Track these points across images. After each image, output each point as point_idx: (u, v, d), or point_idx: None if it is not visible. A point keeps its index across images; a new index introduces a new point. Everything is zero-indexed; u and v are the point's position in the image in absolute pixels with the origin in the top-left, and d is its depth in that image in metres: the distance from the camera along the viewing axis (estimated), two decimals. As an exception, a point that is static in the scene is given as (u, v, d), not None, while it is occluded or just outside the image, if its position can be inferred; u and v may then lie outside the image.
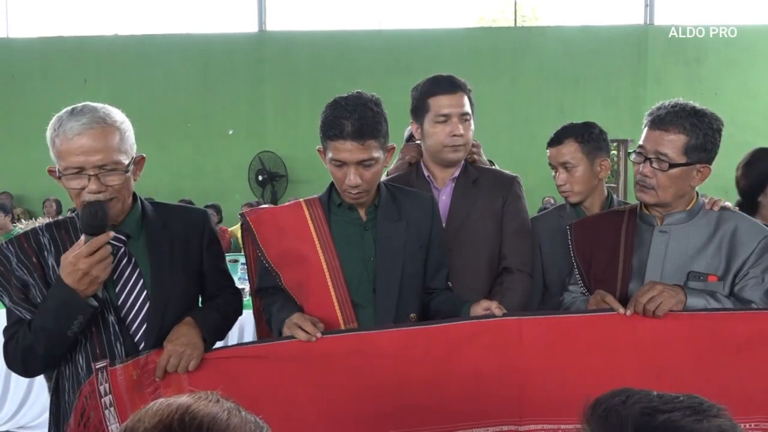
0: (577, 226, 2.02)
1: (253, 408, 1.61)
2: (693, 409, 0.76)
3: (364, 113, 1.70)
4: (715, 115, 1.81)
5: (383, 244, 1.82)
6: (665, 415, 0.76)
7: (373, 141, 1.72)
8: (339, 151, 1.72)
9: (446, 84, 2.12)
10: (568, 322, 1.71)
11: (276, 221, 1.86)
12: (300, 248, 1.81)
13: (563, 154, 2.23)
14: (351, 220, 1.86)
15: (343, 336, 1.70)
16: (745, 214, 1.92)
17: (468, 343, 1.67)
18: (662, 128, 1.77)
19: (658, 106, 1.83)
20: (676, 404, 0.77)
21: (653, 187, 1.79)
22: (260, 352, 1.68)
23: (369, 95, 1.78)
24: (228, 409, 0.81)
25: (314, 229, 1.81)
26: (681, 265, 1.80)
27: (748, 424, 1.61)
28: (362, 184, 1.75)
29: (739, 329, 1.62)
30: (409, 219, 1.87)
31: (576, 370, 1.67)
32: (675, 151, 1.75)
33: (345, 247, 1.82)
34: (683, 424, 0.74)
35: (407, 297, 1.83)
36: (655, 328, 1.65)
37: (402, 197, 1.91)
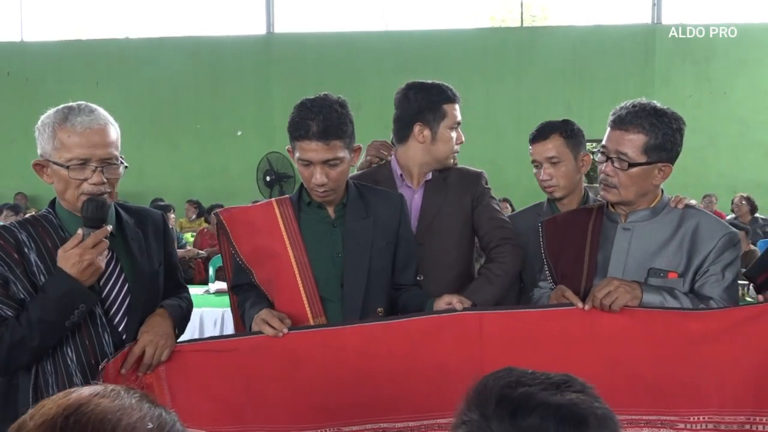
0: (548, 224, 2.07)
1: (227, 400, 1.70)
2: (554, 384, 0.82)
3: (329, 114, 1.77)
4: (675, 114, 1.84)
5: (351, 241, 1.90)
6: (524, 388, 0.81)
7: (338, 141, 1.79)
8: (305, 150, 1.79)
9: (454, 93, 2.22)
10: (528, 317, 1.76)
11: (248, 219, 1.94)
12: (271, 245, 1.88)
13: (549, 149, 2.28)
14: (320, 218, 1.93)
15: (312, 331, 1.77)
16: (707, 212, 1.95)
17: (431, 337, 1.73)
18: (622, 128, 1.81)
19: (621, 106, 1.86)
20: (541, 380, 0.83)
21: (615, 186, 1.83)
22: (231, 346, 1.74)
23: (335, 97, 1.85)
24: (123, 408, 0.75)
25: (284, 226, 1.89)
26: (643, 261, 1.84)
27: (702, 417, 1.65)
28: (328, 182, 1.82)
29: (693, 325, 1.66)
30: (377, 216, 1.94)
31: (536, 364, 1.66)
32: (635, 151, 1.79)
33: (314, 244, 1.89)
34: (538, 396, 0.79)
35: (374, 292, 1.90)
36: (612, 322, 1.69)
37: (370, 195, 1.98)
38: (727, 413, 1.64)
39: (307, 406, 1.71)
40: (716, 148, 9.82)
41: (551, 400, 0.79)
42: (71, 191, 1.59)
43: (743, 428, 1.63)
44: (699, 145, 10.03)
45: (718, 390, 1.65)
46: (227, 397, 1.71)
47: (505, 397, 0.80)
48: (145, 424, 0.75)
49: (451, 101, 2.19)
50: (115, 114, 6.13)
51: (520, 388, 0.81)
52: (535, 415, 0.78)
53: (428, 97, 2.19)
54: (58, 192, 1.63)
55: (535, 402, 0.79)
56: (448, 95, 2.20)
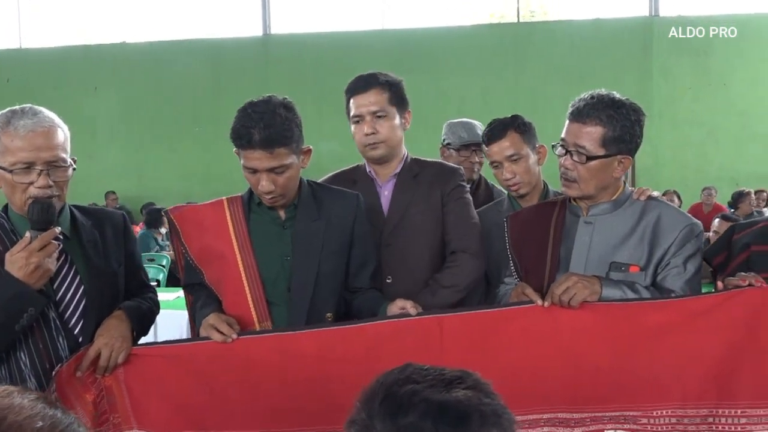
0: (512, 219, 2.04)
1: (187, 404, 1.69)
2: (444, 381, 0.81)
3: (271, 121, 1.70)
4: (634, 105, 1.81)
5: (300, 244, 1.85)
6: (411, 385, 0.80)
7: (282, 149, 1.73)
8: (249, 159, 1.75)
9: (361, 83, 2.14)
10: (488, 317, 1.74)
11: (198, 219, 1.91)
12: (218, 246, 1.85)
13: (507, 147, 2.25)
14: (270, 219, 1.89)
15: (262, 337, 1.74)
16: (669, 203, 1.93)
17: (388, 342, 1.69)
18: (580, 120, 1.77)
19: (580, 98, 1.83)
20: (432, 377, 0.82)
21: (575, 180, 1.80)
22: (188, 350, 1.73)
23: (279, 99, 1.78)
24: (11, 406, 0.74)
25: (233, 227, 1.85)
26: (604, 255, 1.81)
27: (664, 411, 1.63)
28: (276, 189, 1.77)
29: (653, 318, 1.64)
30: (330, 218, 1.89)
31: (498, 364, 1.68)
32: (593, 144, 1.76)
33: (262, 246, 1.85)
34: (422, 394, 0.78)
35: (323, 296, 1.85)
36: (572, 318, 1.66)
37: (324, 195, 1.93)
38: (690, 407, 1.62)
39: (266, 411, 1.69)
40: (716, 140, 9.75)
41: (434, 398, 0.78)
42: (18, 195, 1.59)
43: (706, 421, 1.61)
44: (699, 138, 9.98)
45: (680, 383, 1.63)
46: (187, 401, 1.69)
47: (390, 395, 0.79)
48: (34, 422, 0.74)
49: (352, 94, 2.14)
50: (114, 118, 6.31)
51: (407, 385, 0.80)
52: (414, 413, 0.77)
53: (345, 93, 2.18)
54: (7, 196, 1.63)
55: (417, 399, 0.78)
56: (350, 88, 2.15)
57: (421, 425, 0.76)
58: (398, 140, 2.18)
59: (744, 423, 1.58)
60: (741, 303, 1.58)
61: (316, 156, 1.91)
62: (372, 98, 2.11)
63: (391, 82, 2.16)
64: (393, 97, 2.14)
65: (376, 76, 2.16)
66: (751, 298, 1.58)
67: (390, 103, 2.13)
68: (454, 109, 10.40)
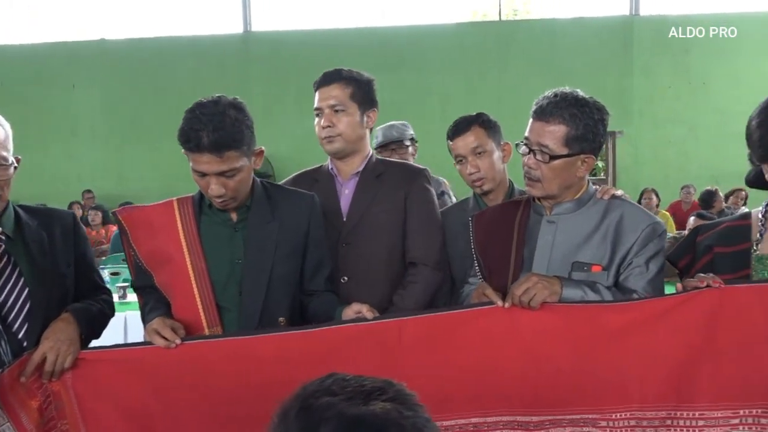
0: (477, 218, 2.02)
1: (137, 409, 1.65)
2: (363, 392, 0.78)
3: (220, 124, 1.64)
4: (598, 104, 1.79)
5: (252, 246, 1.80)
6: (327, 398, 0.77)
7: (233, 152, 1.67)
8: (198, 163, 1.69)
9: (325, 77, 2.13)
10: (448, 319, 1.70)
11: (147, 220, 1.85)
12: (168, 248, 1.80)
13: (472, 141, 2.23)
14: (221, 221, 1.84)
15: (217, 341, 1.70)
16: (633, 202, 1.91)
17: (348, 345, 1.67)
18: (543, 119, 1.75)
19: (543, 96, 1.81)
20: (352, 388, 0.79)
21: (539, 179, 1.78)
22: (137, 355, 1.68)
23: (229, 100, 1.73)
24: None
25: (182, 229, 1.80)
26: (567, 254, 1.79)
27: (624, 413, 1.61)
28: (227, 192, 1.72)
29: (613, 320, 1.62)
30: (284, 219, 1.84)
31: (457, 366, 1.67)
32: (556, 143, 1.74)
33: (213, 249, 1.80)
34: (336, 407, 0.76)
35: (275, 300, 1.81)
36: (533, 319, 1.64)
37: (278, 197, 1.88)
38: (649, 408, 1.60)
39: (218, 416, 1.65)
40: (696, 138, 9.82)
41: (348, 412, 0.75)
42: None
43: (664, 423, 1.59)
44: (680, 136, 10.04)
45: (640, 385, 1.61)
46: (137, 407, 1.65)
47: (305, 408, 0.76)
48: None
49: (316, 87, 2.14)
50: (93, 116, 6.22)
51: (324, 398, 0.77)
52: (327, 427, 0.74)
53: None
54: None
55: (330, 413, 0.75)
56: (316, 81, 2.15)
57: None
58: (357, 137, 2.15)
59: (702, 425, 1.57)
60: (699, 305, 1.57)
61: (297, 153, 1.87)
62: (333, 92, 2.10)
63: (356, 79, 2.14)
64: (356, 94, 2.12)
65: (340, 71, 2.15)
66: (710, 299, 1.56)
67: (352, 99, 2.12)
68: (437, 107, 10.40)
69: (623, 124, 10.17)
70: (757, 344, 1.54)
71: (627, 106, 10.12)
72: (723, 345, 1.56)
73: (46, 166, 10.64)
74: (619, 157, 10.28)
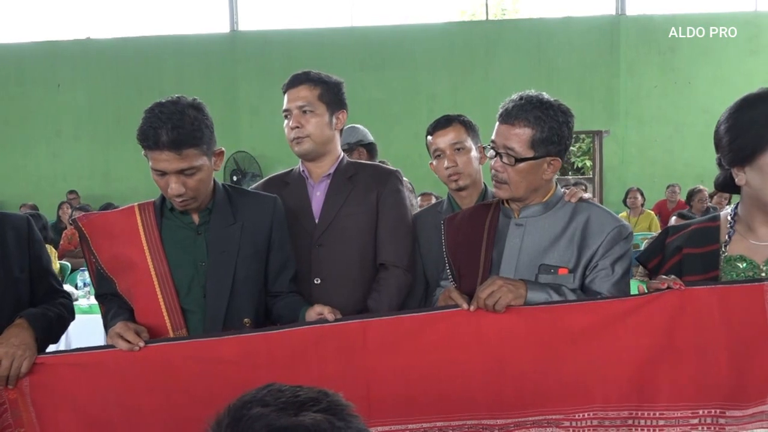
0: (449, 222, 2.01)
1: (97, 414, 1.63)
2: (296, 403, 0.77)
3: (180, 122, 1.65)
4: (563, 107, 1.79)
5: (215, 249, 1.80)
6: (258, 408, 0.77)
7: (192, 150, 1.68)
8: (157, 161, 1.69)
9: (293, 79, 2.14)
10: (413, 321, 1.70)
11: (108, 226, 1.85)
12: (130, 254, 1.79)
13: (452, 136, 2.24)
14: (183, 225, 1.84)
15: (180, 344, 1.69)
16: (600, 205, 1.91)
17: (313, 346, 1.66)
18: (509, 122, 1.76)
19: (509, 99, 1.81)
20: (286, 398, 0.78)
21: (506, 182, 1.78)
22: (96, 359, 1.65)
23: (188, 100, 1.73)
24: None
25: (144, 234, 1.80)
26: (535, 257, 1.79)
27: (586, 413, 1.61)
28: (186, 191, 1.72)
29: (576, 321, 1.61)
30: (246, 222, 1.85)
31: (423, 369, 1.66)
32: (521, 146, 1.74)
33: (176, 252, 1.80)
34: (269, 418, 0.75)
35: (240, 302, 1.81)
36: (497, 323, 1.64)
37: (240, 199, 1.89)
38: (612, 409, 1.60)
39: (181, 419, 1.62)
40: (682, 137, 9.86)
41: (277, 423, 0.74)
42: None
43: (626, 423, 1.59)
44: (665, 135, 10.09)
45: (602, 386, 1.60)
46: (97, 412, 1.62)
47: (235, 419, 0.76)
48: None
49: (284, 89, 2.15)
50: (79, 116, 6.17)
51: (255, 408, 0.76)
52: None
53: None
54: None
55: (259, 425, 0.74)
56: (284, 83, 2.15)
57: None
58: (326, 138, 2.16)
59: (662, 425, 1.57)
60: (660, 306, 1.57)
61: (283, 153, 1.86)
62: (301, 93, 2.11)
63: (325, 81, 2.15)
64: (324, 95, 2.13)
65: (308, 73, 2.15)
66: (671, 301, 1.56)
67: (320, 100, 2.12)
68: (424, 106, 10.42)
69: (610, 123, 10.21)
70: (716, 345, 1.54)
71: (613, 106, 10.16)
72: (683, 346, 1.56)
73: (31, 166, 10.59)
74: (606, 156, 10.32)
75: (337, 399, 0.81)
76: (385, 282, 2.12)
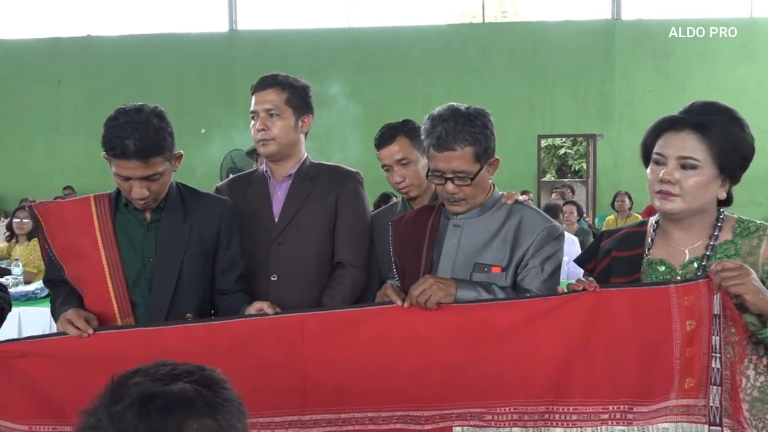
0: (396, 223, 2.10)
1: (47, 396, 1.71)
2: (171, 376, 0.85)
3: (145, 132, 1.73)
4: (479, 110, 1.86)
5: (163, 245, 1.89)
6: (137, 378, 0.85)
7: (157, 158, 1.77)
8: (123, 168, 1.77)
9: (261, 82, 2.20)
10: (350, 316, 1.77)
11: (62, 215, 1.93)
12: (83, 243, 1.87)
13: (397, 151, 2.30)
14: (136, 220, 1.92)
15: (127, 332, 1.76)
16: (534, 207, 1.99)
17: (253, 338, 1.73)
18: (448, 148, 1.81)
19: (432, 127, 1.84)
20: (164, 372, 0.86)
21: (463, 198, 1.86)
22: (43, 346, 1.73)
23: (151, 108, 1.81)
24: None
25: (98, 225, 1.88)
26: (471, 257, 1.87)
27: (507, 407, 1.67)
28: (149, 195, 1.81)
29: (501, 319, 1.68)
30: (196, 221, 1.93)
31: (359, 362, 1.73)
32: (468, 164, 1.81)
33: (127, 246, 1.88)
34: (142, 386, 0.84)
35: (184, 297, 1.89)
36: (428, 319, 1.71)
37: (192, 199, 1.97)
38: (531, 403, 1.67)
39: None
40: (675, 142, 9.87)
41: (147, 389, 0.83)
42: None
43: (543, 417, 1.66)
44: (659, 139, 10.10)
45: (523, 381, 1.67)
46: (47, 393, 1.70)
47: (114, 386, 0.85)
48: None
49: (252, 91, 2.21)
50: (77, 112, 6.24)
51: (135, 378, 0.85)
52: (124, 402, 0.82)
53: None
54: None
55: (132, 390, 0.83)
56: (253, 85, 2.22)
57: (126, 413, 0.81)
58: (291, 141, 2.23)
59: (575, 419, 1.63)
60: (576, 307, 1.63)
61: None
62: (268, 97, 2.17)
63: (292, 85, 2.22)
64: (291, 99, 2.20)
65: (277, 77, 2.22)
66: (586, 302, 1.62)
67: (287, 104, 2.19)
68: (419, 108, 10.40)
69: (604, 127, 10.26)
70: (626, 345, 1.61)
71: (608, 110, 10.21)
72: (596, 345, 1.63)
73: (30, 161, 10.71)
74: (600, 159, 10.37)
75: (212, 374, 0.89)
76: (340, 280, 2.20)
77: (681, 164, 1.60)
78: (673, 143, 1.62)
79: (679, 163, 1.60)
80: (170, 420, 0.80)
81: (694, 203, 1.61)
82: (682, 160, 1.60)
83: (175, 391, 0.83)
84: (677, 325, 1.58)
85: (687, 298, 1.56)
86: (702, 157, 1.58)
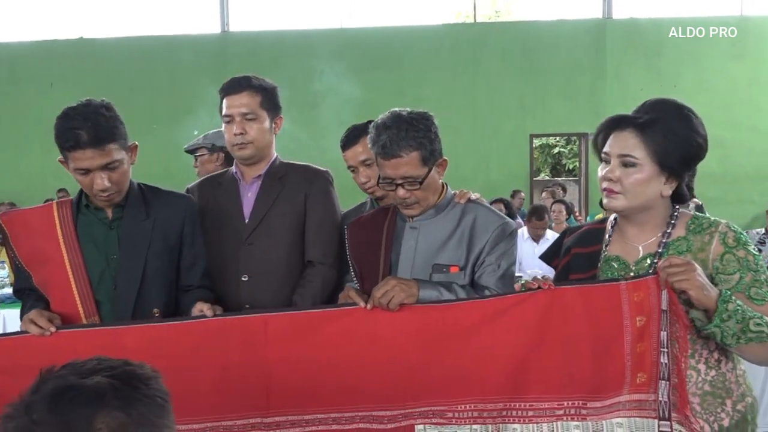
0: (352, 226, 2.11)
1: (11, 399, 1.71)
2: (91, 370, 0.87)
3: (96, 120, 1.76)
4: (421, 113, 1.87)
5: (126, 243, 1.91)
6: (61, 371, 0.88)
7: (112, 144, 1.79)
8: (80, 160, 1.79)
9: (234, 84, 2.20)
10: (313, 317, 1.79)
11: (26, 222, 1.96)
12: (46, 247, 1.90)
13: (361, 152, 2.30)
14: (98, 220, 1.95)
15: (89, 330, 1.78)
16: (487, 205, 2.01)
17: (215, 338, 1.75)
18: (394, 155, 1.82)
19: (376, 135, 1.85)
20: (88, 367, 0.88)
21: (416, 202, 1.88)
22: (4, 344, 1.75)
23: (98, 102, 1.84)
24: None
25: (60, 228, 1.90)
26: (429, 258, 1.90)
27: (467, 405, 1.69)
28: (111, 186, 1.83)
29: (461, 318, 1.70)
30: (158, 218, 1.95)
31: (322, 362, 1.75)
32: (416, 169, 1.83)
33: (89, 246, 1.91)
34: (60, 379, 0.86)
35: (149, 294, 1.92)
36: (391, 320, 1.73)
37: (153, 197, 1.99)
38: (490, 400, 1.69)
39: None
40: (668, 141, 9.89)
41: (61, 382, 0.85)
42: None
43: (501, 414, 1.68)
44: (651, 138, 10.12)
45: (481, 379, 1.69)
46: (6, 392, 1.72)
47: (38, 380, 0.87)
48: None
49: (224, 93, 2.20)
50: None
51: (60, 371, 0.88)
52: (41, 393, 0.84)
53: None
54: None
55: (49, 384, 0.86)
56: (223, 87, 2.21)
57: (37, 403, 0.84)
58: (267, 143, 2.25)
59: (531, 416, 1.66)
60: (532, 304, 1.65)
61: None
62: (243, 100, 2.17)
63: (265, 87, 2.23)
64: (265, 101, 2.21)
65: (250, 79, 2.22)
66: (541, 299, 1.64)
67: (261, 106, 2.20)
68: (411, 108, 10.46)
69: (596, 125, 10.19)
70: (580, 341, 1.63)
71: (599, 109, 10.19)
72: (551, 342, 1.65)
73: (23, 164, 10.71)
74: (592, 158, 10.36)
75: (134, 369, 0.90)
76: (310, 278, 2.21)
77: (622, 162, 1.62)
78: (616, 142, 1.65)
79: (620, 161, 1.63)
80: (81, 412, 0.82)
81: (636, 200, 1.63)
82: (623, 158, 1.62)
83: (89, 384, 0.84)
84: (628, 321, 1.60)
85: (637, 294, 1.58)
86: (640, 155, 1.60)
